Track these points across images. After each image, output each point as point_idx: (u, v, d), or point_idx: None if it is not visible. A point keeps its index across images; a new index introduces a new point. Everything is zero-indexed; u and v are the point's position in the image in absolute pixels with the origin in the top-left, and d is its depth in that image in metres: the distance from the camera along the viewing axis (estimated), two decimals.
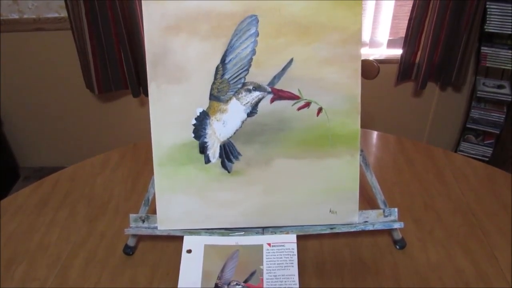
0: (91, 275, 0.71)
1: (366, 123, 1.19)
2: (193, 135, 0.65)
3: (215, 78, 0.63)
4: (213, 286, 0.63)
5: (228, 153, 0.66)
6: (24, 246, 0.77)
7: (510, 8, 1.49)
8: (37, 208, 0.86)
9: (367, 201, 0.81)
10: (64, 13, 1.69)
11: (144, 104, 1.91)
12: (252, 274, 0.63)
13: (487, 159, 1.79)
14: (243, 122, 0.65)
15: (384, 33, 1.76)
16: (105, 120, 1.99)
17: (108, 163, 0.99)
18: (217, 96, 0.64)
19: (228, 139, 0.65)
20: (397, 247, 0.73)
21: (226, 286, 0.63)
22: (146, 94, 0.65)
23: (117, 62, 1.71)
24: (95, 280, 0.70)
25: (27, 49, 1.79)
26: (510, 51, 1.58)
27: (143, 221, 0.70)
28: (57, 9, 1.69)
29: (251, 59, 0.63)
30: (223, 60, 0.63)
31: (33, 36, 1.75)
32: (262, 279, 0.63)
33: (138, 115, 1.94)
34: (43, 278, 0.70)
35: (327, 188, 0.67)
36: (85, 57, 1.67)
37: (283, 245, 0.66)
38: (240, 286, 0.62)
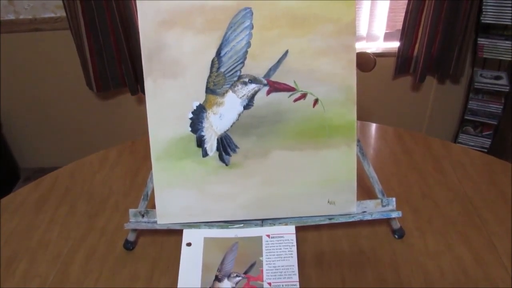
0: (92, 270, 0.71)
1: (365, 117, 1.20)
2: (190, 128, 0.65)
3: (211, 72, 0.64)
4: (213, 278, 0.63)
5: (225, 146, 0.66)
6: (25, 243, 0.77)
7: None
8: (37, 205, 0.86)
9: (365, 191, 0.82)
10: (60, 13, 1.69)
11: (142, 101, 1.91)
12: (252, 265, 0.64)
13: (485, 150, 1.80)
14: (239, 114, 0.65)
15: (380, 26, 1.76)
16: (103, 119, 2.00)
17: (107, 160, 0.99)
18: (213, 89, 0.64)
19: (225, 132, 0.66)
20: (396, 236, 0.74)
21: (226, 278, 0.63)
22: (144, 92, 0.65)
23: (114, 61, 1.71)
24: (96, 275, 0.70)
25: (25, 49, 1.79)
26: (507, 42, 1.58)
27: (143, 216, 0.70)
28: (53, 9, 1.70)
29: (246, 51, 0.63)
30: (218, 53, 0.63)
31: (30, 37, 1.76)
32: (262, 270, 0.63)
33: (136, 112, 1.95)
34: (44, 274, 0.71)
35: (324, 179, 0.67)
36: (83, 56, 1.67)
37: (282, 237, 0.66)
38: (240, 278, 0.63)
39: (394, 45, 1.75)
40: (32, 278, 0.70)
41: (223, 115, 0.65)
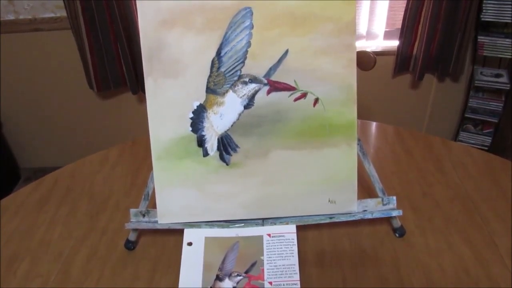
0: (93, 270, 0.71)
1: (364, 116, 1.20)
2: (190, 128, 0.65)
3: (211, 71, 0.64)
4: (214, 277, 0.63)
5: (226, 145, 0.66)
6: (26, 243, 0.77)
7: None
8: (38, 205, 0.86)
9: (365, 190, 0.82)
10: (60, 13, 1.69)
11: (143, 101, 1.91)
12: (253, 265, 0.64)
13: (486, 148, 1.80)
14: (240, 114, 0.65)
15: (380, 25, 1.76)
16: (104, 118, 2.00)
17: (108, 160, 0.99)
18: (213, 89, 0.64)
19: (225, 131, 0.66)
20: (397, 235, 0.74)
21: (227, 278, 0.63)
22: (145, 91, 0.65)
23: (115, 60, 1.71)
24: (97, 275, 0.70)
25: (25, 50, 1.79)
26: (507, 40, 1.58)
27: (144, 216, 0.70)
28: (53, 9, 1.70)
29: (246, 51, 0.63)
30: (218, 53, 0.63)
31: (30, 37, 1.76)
32: (263, 270, 0.63)
33: (137, 112, 1.95)
34: (45, 274, 0.71)
35: (325, 178, 0.67)
36: (84, 56, 1.67)
37: (283, 236, 0.66)
38: (241, 277, 0.63)
39: (394, 43, 1.75)
40: (34, 278, 0.70)
41: (224, 115, 0.65)
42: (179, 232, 0.68)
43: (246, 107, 0.65)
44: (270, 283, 0.62)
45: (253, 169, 0.67)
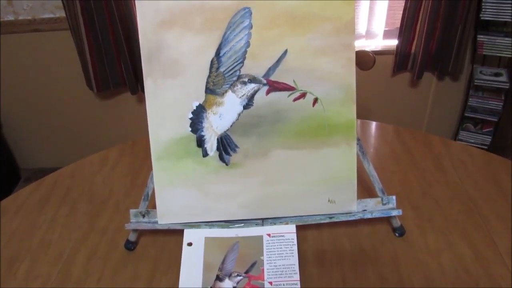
0: (93, 271, 0.71)
1: (364, 115, 1.20)
2: (190, 128, 0.65)
3: (210, 72, 0.64)
4: (215, 278, 0.63)
5: (225, 145, 0.66)
6: (26, 244, 0.77)
7: None
8: (38, 206, 0.86)
9: (365, 189, 0.82)
10: (59, 13, 1.69)
11: (142, 101, 1.91)
12: (253, 265, 0.64)
13: (486, 147, 1.80)
14: (239, 114, 0.65)
15: (380, 24, 1.76)
16: (104, 119, 2.00)
17: (108, 160, 1.00)
18: (212, 89, 0.64)
19: (225, 132, 0.66)
20: (396, 234, 0.74)
21: (227, 278, 0.63)
22: (144, 91, 0.65)
23: (114, 61, 1.71)
24: (97, 275, 0.70)
25: (25, 50, 1.79)
26: (506, 39, 1.58)
27: (144, 216, 0.71)
28: (52, 9, 1.70)
29: (245, 51, 0.63)
30: (217, 53, 0.63)
31: (30, 38, 1.76)
32: (263, 270, 0.63)
33: (136, 112, 1.95)
34: (45, 275, 0.71)
35: (325, 178, 0.67)
36: (83, 56, 1.67)
37: (282, 236, 0.66)
38: (241, 277, 0.63)
39: (393, 43, 1.75)
40: (34, 279, 0.70)
41: (223, 115, 0.65)
42: (179, 232, 0.68)
43: (246, 107, 0.65)
44: (270, 283, 0.62)
45: (253, 169, 0.67)
